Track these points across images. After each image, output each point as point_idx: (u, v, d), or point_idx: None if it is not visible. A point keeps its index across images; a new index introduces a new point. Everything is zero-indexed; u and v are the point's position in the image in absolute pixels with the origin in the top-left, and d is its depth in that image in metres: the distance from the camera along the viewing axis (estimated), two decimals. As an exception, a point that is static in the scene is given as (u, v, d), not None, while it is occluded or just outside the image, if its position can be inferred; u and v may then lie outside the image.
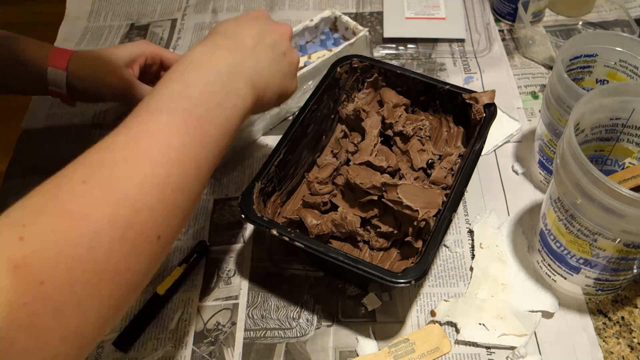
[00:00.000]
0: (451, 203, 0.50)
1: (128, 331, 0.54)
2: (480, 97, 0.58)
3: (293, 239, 0.48)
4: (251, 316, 0.56)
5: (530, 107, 0.73)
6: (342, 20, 0.76)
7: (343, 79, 0.62)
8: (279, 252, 0.60)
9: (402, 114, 0.62)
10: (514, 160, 0.67)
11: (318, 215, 0.57)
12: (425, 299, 0.56)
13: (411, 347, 0.52)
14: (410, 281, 0.45)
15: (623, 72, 0.57)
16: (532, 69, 0.78)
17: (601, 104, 0.49)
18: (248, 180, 0.67)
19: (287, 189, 0.59)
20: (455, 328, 0.53)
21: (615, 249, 0.46)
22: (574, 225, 0.47)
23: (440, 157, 0.61)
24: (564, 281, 0.53)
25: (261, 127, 0.70)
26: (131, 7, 0.94)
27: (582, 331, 0.53)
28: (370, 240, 0.56)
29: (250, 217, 0.50)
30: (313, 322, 0.55)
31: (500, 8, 0.84)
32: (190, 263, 0.58)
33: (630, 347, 0.52)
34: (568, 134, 0.44)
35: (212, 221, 0.63)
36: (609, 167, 0.56)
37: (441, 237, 0.48)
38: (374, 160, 0.57)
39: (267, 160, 0.54)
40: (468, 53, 0.80)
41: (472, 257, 0.58)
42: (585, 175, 0.43)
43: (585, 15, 0.85)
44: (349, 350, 0.53)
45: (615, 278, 0.51)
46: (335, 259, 0.47)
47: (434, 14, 0.85)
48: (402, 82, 0.63)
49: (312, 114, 0.59)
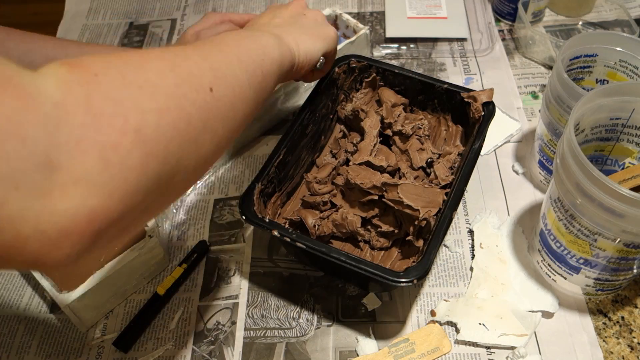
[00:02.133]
0: (451, 202, 0.50)
1: (128, 331, 0.54)
2: (478, 96, 0.58)
3: (295, 240, 0.48)
4: (251, 316, 0.56)
5: (530, 107, 0.73)
6: (342, 18, 0.76)
7: (341, 79, 0.62)
8: (279, 252, 0.60)
9: (401, 113, 0.62)
10: (514, 160, 0.67)
11: (318, 216, 0.57)
12: (425, 298, 0.56)
13: (411, 347, 0.52)
14: (412, 280, 0.45)
15: (623, 72, 0.57)
16: (532, 69, 0.78)
17: (601, 104, 0.49)
18: (248, 180, 0.67)
19: (287, 189, 0.59)
20: (455, 328, 0.53)
21: (615, 249, 0.46)
22: (574, 225, 0.47)
23: (440, 156, 0.61)
24: (564, 281, 0.53)
25: (260, 127, 0.70)
26: (130, 6, 0.94)
27: (582, 331, 0.53)
28: (371, 239, 0.56)
29: (251, 218, 0.50)
30: (313, 321, 0.55)
31: (500, 8, 0.84)
32: (190, 263, 0.58)
33: (630, 347, 0.52)
34: (568, 134, 0.44)
35: (212, 221, 0.63)
36: (609, 167, 0.56)
37: (442, 236, 0.48)
38: (373, 160, 0.57)
39: (267, 161, 0.54)
40: (468, 53, 0.80)
41: (472, 257, 0.58)
42: (585, 175, 0.43)
43: (585, 15, 0.85)
44: (349, 350, 0.53)
45: (615, 278, 0.51)
46: (337, 259, 0.47)
47: (436, 13, 0.85)
48: (400, 82, 0.63)
49: (310, 114, 0.59)
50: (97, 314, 0.55)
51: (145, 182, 0.29)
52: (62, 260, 0.27)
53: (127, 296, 0.57)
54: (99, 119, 0.26)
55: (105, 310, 0.56)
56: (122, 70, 0.29)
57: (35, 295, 0.59)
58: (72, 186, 0.25)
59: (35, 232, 0.25)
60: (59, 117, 0.25)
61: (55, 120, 0.25)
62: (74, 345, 0.55)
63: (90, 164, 0.26)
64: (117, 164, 0.27)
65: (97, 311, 0.55)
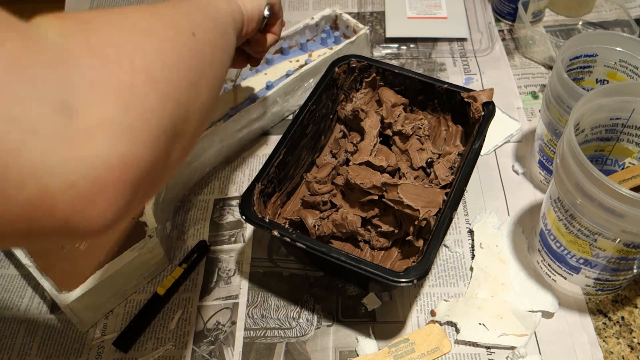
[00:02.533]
0: (451, 202, 0.50)
1: (128, 331, 0.54)
2: (478, 96, 0.58)
3: (295, 240, 0.48)
4: (251, 316, 0.56)
5: (530, 107, 0.73)
6: (342, 18, 0.76)
7: (341, 79, 0.62)
8: (279, 252, 0.60)
9: (401, 113, 0.62)
10: (514, 160, 0.67)
11: (318, 216, 0.57)
12: (425, 298, 0.56)
13: (411, 347, 0.52)
14: (412, 280, 0.45)
15: (623, 72, 0.57)
16: (532, 69, 0.78)
17: (601, 104, 0.49)
18: (248, 180, 0.67)
19: (287, 189, 0.59)
20: (455, 328, 0.53)
21: (615, 249, 0.46)
22: (574, 225, 0.47)
23: (440, 156, 0.61)
24: (564, 281, 0.53)
25: (260, 126, 0.70)
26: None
27: (582, 331, 0.53)
28: (371, 239, 0.56)
29: (251, 218, 0.50)
30: (313, 321, 0.55)
31: (500, 8, 0.84)
32: (190, 263, 0.58)
33: (630, 347, 0.52)
34: (568, 134, 0.44)
35: (212, 221, 0.63)
36: (609, 167, 0.56)
37: (442, 236, 0.48)
38: (373, 160, 0.57)
39: (267, 161, 0.54)
40: (468, 53, 0.80)
41: (472, 257, 0.58)
42: (585, 175, 0.43)
43: (585, 15, 0.85)
44: (349, 350, 0.53)
45: (615, 278, 0.51)
46: (337, 259, 0.47)
47: (436, 13, 0.85)
48: (400, 82, 0.63)
49: (310, 114, 0.59)
50: (97, 314, 0.55)
51: (165, 125, 0.27)
52: (99, 222, 0.24)
53: (127, 296, 0.57)
54: (106, 61, 0.25)
55: (105, 310, 0.56)
56: (111, 19, 0.28)
57: (36, 296, 0.59)
58: (97, 130, 0.23)
59: (63, 185, 0.22)
60: (66, 59, 0.23)
61: (64, 61, 0.23)
62: (74, 346, 0.55)
63: (110, 106, 0.24)
64: (138, 105, 0.25)
65: (97, 311, 0.55)
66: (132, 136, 0.24)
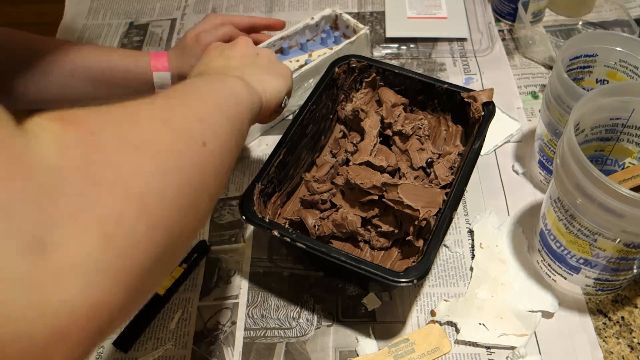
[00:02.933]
0: (452, 202, 0.50)
1: (128, 331, 0.54)
2: (478, 96, 0.58)
3: (295, 240, 0.48)
4: (251, 316, 0.56)
5: (530, 107, 0.73)
6: (342, 18, 0.76)
7: (341, 79, 0.62)
8: (279, 252, 0.60)
9: (401, 113, 0.62)
10: (514, 160, 0.67)
11: (318, 216, 0.57)
12: (425, 298, 0.56)
13: (411, 347, 0.52)
14: (412, 280, 0.45)
15: (623, 72, 0.57)
16: (532, 69, 0.78)
17: (601, 104, 0.49)
18: (248, 180, 0.67)
19: (287, 189, 0.59)
20: (455, 328, 0.53)
21: (615, 249, 0.46)
22: (574, 225, 0.47)
23: (440, 156, 0.61)
24: (564, 281, 0.53)
25: (260, 127, 0.70)
26: (130, 6, 0.94)
27: (582, 331, 0.53)
28: (371, 239, 0.56)
29: (251, 218, 0.50)
30: (313, 322, 0.55)
31: (500, 8, 0.84)
32: (190, 263, 0.58)
33: (630, 347, 0.52)
34: (568, 134, 0.44)
35: (212, 221, 0.63)
36: (609, 167, 0.56)
37: (442, 236, 0.48)
38: (373, 160, 0.57)
39: (267, 161, 0.54)
40: (468, 53, 0.80)
41: (472, 257, 0.58)
42: (585, 175, 0.43)
43: (585, 15, 0.85)
44: (349, 350, 0.53)
45: (615, 278, 0.51)
46: (337, 259, 0.47)
47: (436, 13, 0.85)
48: (400, 82, 0.63)
49: (310, 114, 0.59)
50: (97, 314, 0.55)
51: (150, 259, 0.25)
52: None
53: (127, 296, 0.57)
54: (99, 187, 0.23)
55: (105, 310, 0.56)
56: (118, 128, 0.27)
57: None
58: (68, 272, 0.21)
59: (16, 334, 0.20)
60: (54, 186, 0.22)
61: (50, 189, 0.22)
62: (74, 345, 0.55)
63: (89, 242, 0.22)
64: (121, 240, 0.23)
65: (97, 311, 0.55)
66: (107, 277, 0.22)
